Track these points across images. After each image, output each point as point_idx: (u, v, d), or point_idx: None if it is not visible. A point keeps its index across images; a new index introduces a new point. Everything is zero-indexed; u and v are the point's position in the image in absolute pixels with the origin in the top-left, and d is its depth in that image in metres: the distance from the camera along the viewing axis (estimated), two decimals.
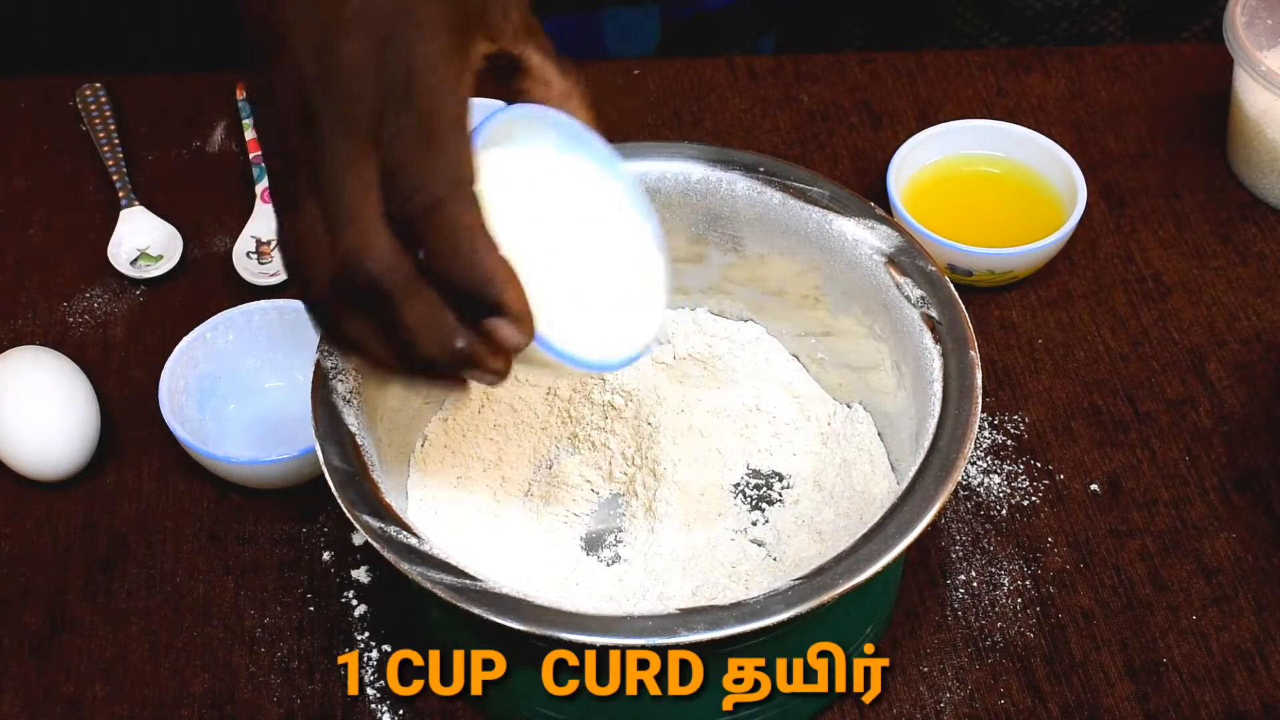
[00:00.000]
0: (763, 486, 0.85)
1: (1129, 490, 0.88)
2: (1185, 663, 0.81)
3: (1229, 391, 0.92)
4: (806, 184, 0.82)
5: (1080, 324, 0.96)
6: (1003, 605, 0.83)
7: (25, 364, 0.89)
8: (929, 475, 0.71)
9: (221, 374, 0.90)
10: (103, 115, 1.07)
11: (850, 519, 0.81)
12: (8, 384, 0.88)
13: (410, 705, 0.80)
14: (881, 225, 0.81)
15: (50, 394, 0.88)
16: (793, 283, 0.85)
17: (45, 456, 0.87)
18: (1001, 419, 0.91)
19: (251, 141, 1.06)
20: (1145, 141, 1.06)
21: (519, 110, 0.69)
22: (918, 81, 1.10)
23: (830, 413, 0.86)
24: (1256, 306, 0.97)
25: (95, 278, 0.99)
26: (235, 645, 0.83)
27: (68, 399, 0.88)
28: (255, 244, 1.00)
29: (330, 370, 0.75)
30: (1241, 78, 1.00)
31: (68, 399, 0.88)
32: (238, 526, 0.87)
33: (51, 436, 0.87)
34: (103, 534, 0.87)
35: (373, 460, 0.73)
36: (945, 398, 0.74)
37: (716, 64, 1.11)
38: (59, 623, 0.84)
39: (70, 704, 0.81)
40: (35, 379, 0.88)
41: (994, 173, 1.01)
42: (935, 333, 0.77)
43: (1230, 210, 1.02)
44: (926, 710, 0.80)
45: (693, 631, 0.67)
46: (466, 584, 0.68)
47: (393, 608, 0.83)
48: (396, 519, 0.70)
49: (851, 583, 0.68)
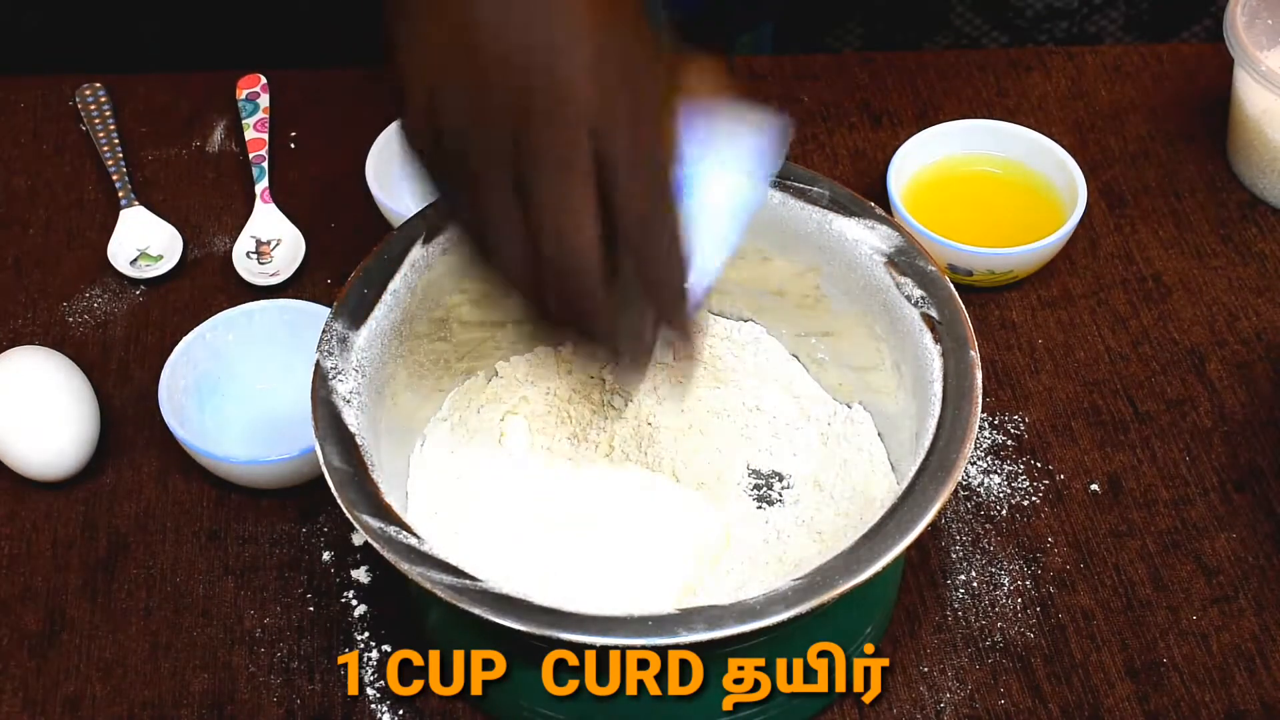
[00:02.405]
0: (763, 486, 0.85)
1: (1129, 490, 0.88)
2: (1185, 663, 0.81)
3: (1229, 391, 0.93)
4: (806, 184, 0.82)
5: (1080, 324, 0.96)
6: (1003, 605, 0.83)
7: (25, 364, 0.89)
8: (929, 475, 0.71)
9: (221, 374, 0.90)
10: (103, 115, 1.07)
11: (850, 519, 0.81)
12: (7, 384, 0.88)
13: (410, 705, 0.80)
14: (881, 225, 0.81)
15: (50, 395, 0.88)
16: (793, 283, 0.85)
17: (45, 457, 0.87)
18: (1001, 419, 0.91)
19: (251, 141, 1.06)
20: (1145, 141, 1.06)
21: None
22: (918, 81, 1.10)
23: (830, 413, 0.86)
24: (1256, 306, 0.97)
25: (95, 278, 0.99)
26: (235, 645, 0.83)
27: (67, 399, 0.88)
28: (255, 244, 1.00)
29: (330, 370, 0.75)
30: (1241, 78, 1.00)
31: (67, 399, 0.88)
32: (238, 526, 0.87)
33: (51, 437, 0.87)
34: (102, 534, 0.87)
35: (373, 460, 0.73)
36: (945, 398, 0.74)
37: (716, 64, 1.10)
38: (59, 623, 0.84)
39: (70, 704, 0.81)
40: (35, 379, 0.88)
41: (994, 173, 1.01)
42: (935, 333, 0.77)
43: (1230, 210, 1.02)
44: (926, 710, 0.80)
45: (692, 631, 0.67)
46: (466, 584, 0.68)
47: (393, 608, 0.84)
48: (396, 519, 0.70)
49: (851, 583, 0.68)
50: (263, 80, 1.09)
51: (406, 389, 0.81)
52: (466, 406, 0.86)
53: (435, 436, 0.84)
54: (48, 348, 0.92)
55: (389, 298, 0.79)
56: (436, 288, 0.81)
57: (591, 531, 0.82)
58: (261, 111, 1.08)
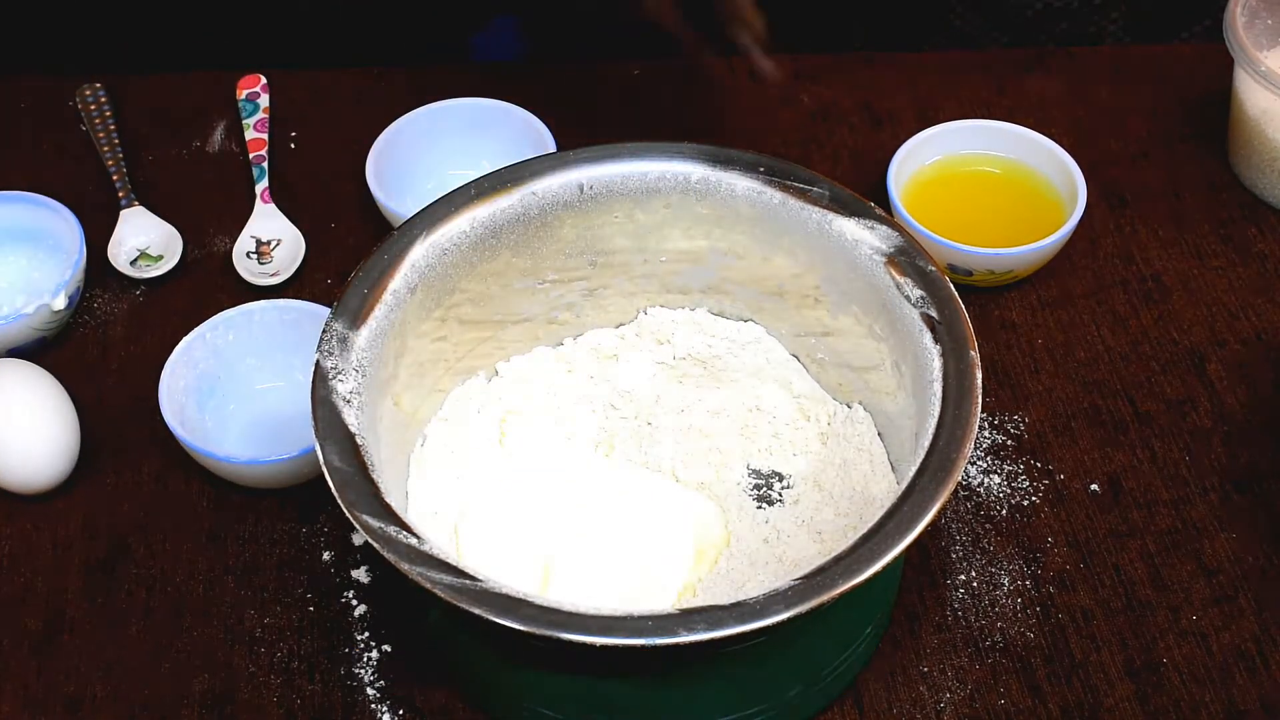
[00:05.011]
0: (763, 486, 0.85)
1: (1129, 490, 0.88)
2: (1185, 663, 0.81)
3: (1229, 391, 0.93)
4: (806, 184, 0.82)
5: (1080, 324, 0.96)
6: (1003, 605, 0.83)
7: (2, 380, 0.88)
8: (929, 475, 0.71)
9: (221, 374, 0.90)
10: (103, 115, 1.07)
11: (850, 519, 0.81)
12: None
13: (410, 705, 0.80)
14: (881, 225, 0.81)
15: (25, 409, 0.86)
16: (793, 283, 0.85)
17: (24, 471, 0.86)
18: (1001, 419, 0.91)
19: (251, 141, 1.06)
20: (1145, 141, 1.06)
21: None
22: (918, 81, 1.10)
23: (830, 413, 0.86)
24: (1256, 306, 0.97)
25: (95, 278, 0.99)
26: (235, 645, 0.83)
27: (46, 413, 0.87)
28: (255, 244, 1.00)
29: (330, 370, 0.75)
30: (1241, 78, 1.00)
31: (46, 413, 0.87)
32: (238, 526, 0.87)
33: (28, 453, 0.86)
34: (102, 534, 0.87)
35: (373, 460, 0.73)
36: (945, 398, 0.74)
37: (717, 64, 1.11)
38: (59, 623, 0.84)
39: (70, 704, 0.81)
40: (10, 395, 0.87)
41: (994, 173, 1.01)
42: (935, 333, 0.77)
43: (1230, 210, 1.02)
44: (926, 710, 0.80)
45: (692, 631, 0.67)
46: (466, 584, 0.68)
47: (393, 608, 0.84)
48: (396, 519, 0.70)
49: (851, 583, 0.68)
50: (263, 80, 1.09)
51: (406, 389, 0.81)
52: (466, 406, 0.86)
53: (435, 436, 0.84)
54: (23, 360, 0.90)
55: (389, 298, 0.79)
56: (436, 288, 0.81)
57: (591, 531, 0.82)
58: (261, 111, 1.08)
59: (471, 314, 0.84)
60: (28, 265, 0.98)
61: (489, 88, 1.06)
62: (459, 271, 0.82)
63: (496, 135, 1.02)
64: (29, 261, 0.98)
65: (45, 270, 0.97)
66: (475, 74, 1.10)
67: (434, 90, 1.05)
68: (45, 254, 0.97)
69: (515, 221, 0.83)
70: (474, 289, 0.83)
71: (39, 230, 0.97)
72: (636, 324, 0.89)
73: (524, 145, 1.00)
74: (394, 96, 1.07)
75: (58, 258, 0.97)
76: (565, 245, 0.85)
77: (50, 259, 0.97)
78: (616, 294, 0.88)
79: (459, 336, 0.84)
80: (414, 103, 1.03)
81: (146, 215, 1.02)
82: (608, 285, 0.87)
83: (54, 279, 0.96)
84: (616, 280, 0.87)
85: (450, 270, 0.81)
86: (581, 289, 0.87)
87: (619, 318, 0.89)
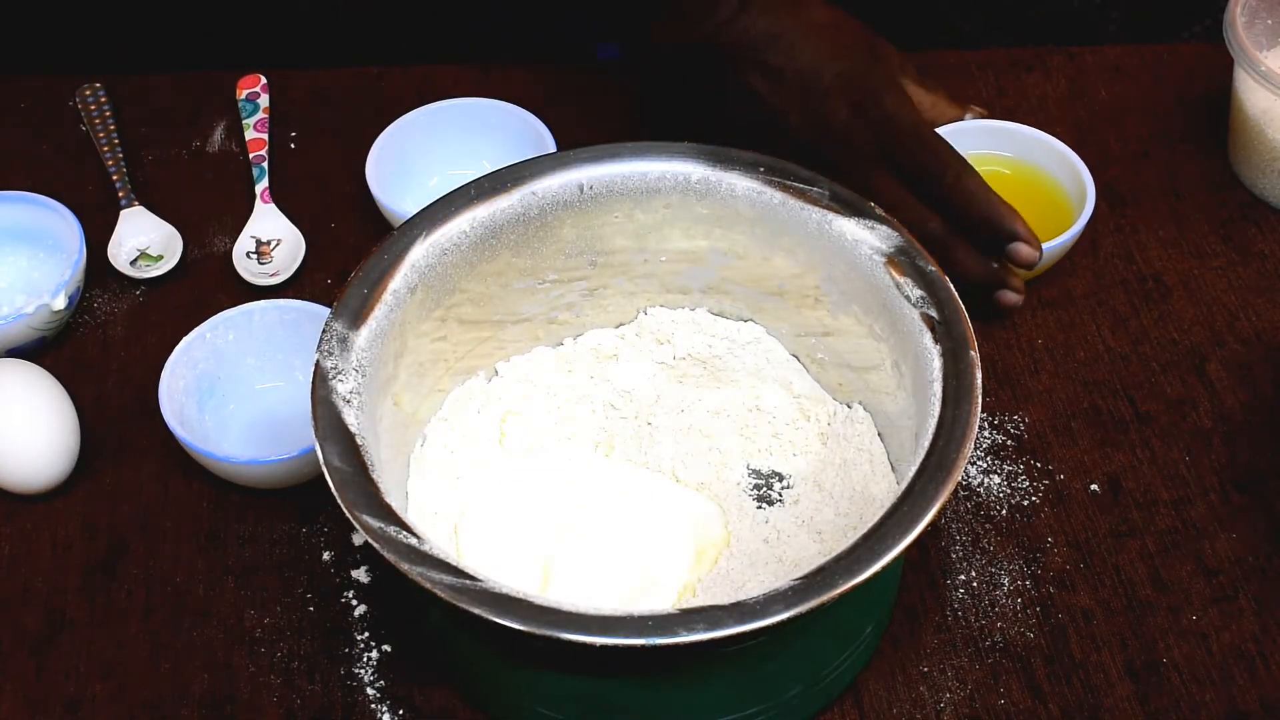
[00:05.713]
0: (763, 486, 0.85)
1: (1129, 490, 0.88)
2: (1185, 663, 0.81)
3: (1229, 391, 0.92)
4: (806, 184, 0.82)
5: (1080, 324, 0.96)
6: (1003, 605, 0.83)
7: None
8: (929, 475, 0.71)
9: (221, 374, 0.90)
10: (103, 115, 1.07)
11: (850, 519, 0.81)
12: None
13: (410, 705, 0.80)
14: (881, 225, 0.81)
15: (25, 409, 0.87)
16: (793, 283, 0.85)
17: (23, 471, 0.86)
18: (1001, 419, 0.91)
19: (251, 141, 1.06)
20: (1145, 141, 1.06)
21: None
22: None
23: (830, 413, 0.86)
24: (1256, 306, 0.97)
25: (95, 278, 0.99)
26: (235, 645, 0.83)
27: (45, 413, 0.87)
28: (255, 244, 1.00)
29: (330, 370, 0.75)
30: (1241, 78, 1.00)
31: (45, 413, 0.87)
32: (238, 526, 0.87)
33: (27, 453, 0.86)
34: (102, 534, 0.87)
35: (373, 460, 0.73)
36: (945, 398, 0.74)
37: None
38: (59, 623, 0.84)
39: (70, 704, 0.81)
40: (9, 395, 0.87)
41: (1002, 173, 1.00)
42: (935, 333, 0.77)
43: (1230, 210, 1.02)
44: (926, 710, 0.80)
45: (692, 631, 0.67)
46: (466, 584, 0.68)
47: (393, 608, 0.84)
48: (396, 519, 0.70)
49: (851, 583, 0.68)
50: (263, 80, 1.09)
51: (406, 389, 0.81)
52: (466, 406, 0.86)
53: (435, 436, 0.84)
54: (22, 360, 0.90)
55: (389, 298, 0.79)
56: (436, 288, 0.81)
57: (591, 531, 0.82)
58: (261, 111, 1.08)
59: (471, 314, 0.84)
60: (28, 265, 0.98)
61: (489, 88, 1.06)
62: (459, 271, 0.82)
63: (496, 135, 1.02)
64: (29, 261, 0.98)
65: (45, 270, 0.97)
66: (475, 74, 1.10)
67: (434, 90, 1.05)
68: (45, 254, 0.98)
69: (515, 221, 0.83)
70: (474, 289, 0.83)
71: (39, 230, 0.97)
72: (636, 324, 0.89)
73: (524, 145, 1.00)
74: (394, 96, 1.07)
75: (58, 258, 0.97)
76: (565, 245, 0.85)
77: (50, 259, 0.97)
78: (616, 294, 0.88)
79: (459, 336, 0.84)
80: (414, 103, 1.03)
81: (146, 215, 1.02)
82: (608, 285, 0.87)
83: (54, 279, 0.96)
84: (616, 280, 0.87)
85: (450, 270, 0.81)
86: (581, 289, 0.87)
87: (619, 318, 0.89)
